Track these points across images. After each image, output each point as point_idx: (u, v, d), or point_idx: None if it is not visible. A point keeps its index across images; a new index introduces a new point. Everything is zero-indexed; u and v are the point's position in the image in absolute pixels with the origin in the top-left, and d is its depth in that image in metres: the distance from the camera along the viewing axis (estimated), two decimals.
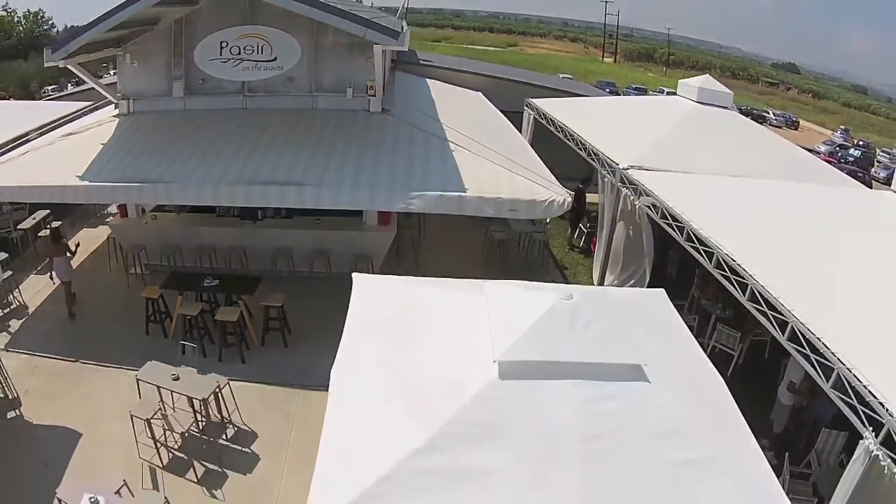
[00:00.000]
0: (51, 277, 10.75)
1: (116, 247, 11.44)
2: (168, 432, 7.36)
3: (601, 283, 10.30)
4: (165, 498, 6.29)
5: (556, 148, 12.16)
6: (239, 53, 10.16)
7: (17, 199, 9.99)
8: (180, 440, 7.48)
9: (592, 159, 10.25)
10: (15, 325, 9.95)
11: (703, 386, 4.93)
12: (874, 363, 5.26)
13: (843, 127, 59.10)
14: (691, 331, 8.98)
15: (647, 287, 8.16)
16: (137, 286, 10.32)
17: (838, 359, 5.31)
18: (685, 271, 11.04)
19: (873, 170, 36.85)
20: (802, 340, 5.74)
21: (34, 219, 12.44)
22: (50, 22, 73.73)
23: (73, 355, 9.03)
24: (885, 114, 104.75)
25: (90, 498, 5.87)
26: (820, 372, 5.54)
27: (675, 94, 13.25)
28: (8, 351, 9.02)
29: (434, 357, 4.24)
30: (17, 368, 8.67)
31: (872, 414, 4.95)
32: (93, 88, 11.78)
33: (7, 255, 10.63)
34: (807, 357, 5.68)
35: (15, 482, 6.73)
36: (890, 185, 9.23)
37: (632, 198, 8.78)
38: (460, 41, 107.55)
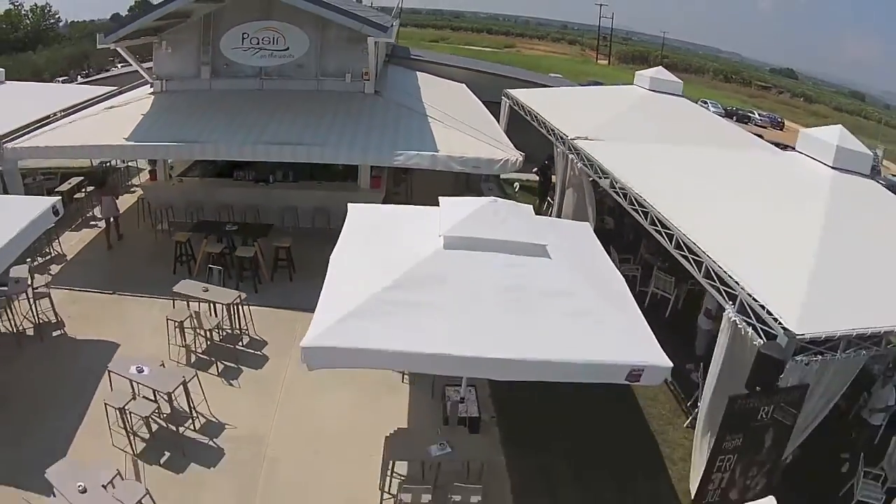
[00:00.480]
0: (98, 216, 12.75)
1: (145, 207, 13.39)
2: (197, 337, 9.33)
3: None
4: (195, 372, 8.25)
5: (528, 132, 14.18)
6: (258, 43, 12.33)
7: (74, 156, 12.00)
8: (205, 345, 9.45)
9: (550, 134, 12.31)
10: (55, 268, 11.80)
11: (600, 270, 6.96)
12: (735, 258, 7.26)
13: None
14: (634, 280, 11.02)
15: None
16: (164, 239, 12.29)
17: (707, 255, 7.34)
18: (640, 237, 13.05)
19: None
20: (684, 248, 7.77)
21: (70, 184, 14.42)
22: (56, 16, 75.40)
23: (110, 289, 10.95)
24: (878, 118, 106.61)
25: (136, 367, 7.81)
26: (695, 266, 7.57)
27: None
28: (50, 287, 10.68)
29: (402, 238, 6.26)
30: (60, 299, 10.25)
31: (732, 291, 6.94)
32: (106, 77, 13.79)
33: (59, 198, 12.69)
34: (686, 258, 7.70)
35: (61, 384, 8.46)
36: None
37: (576, 161, 10.83)
38: (457, 41, 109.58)
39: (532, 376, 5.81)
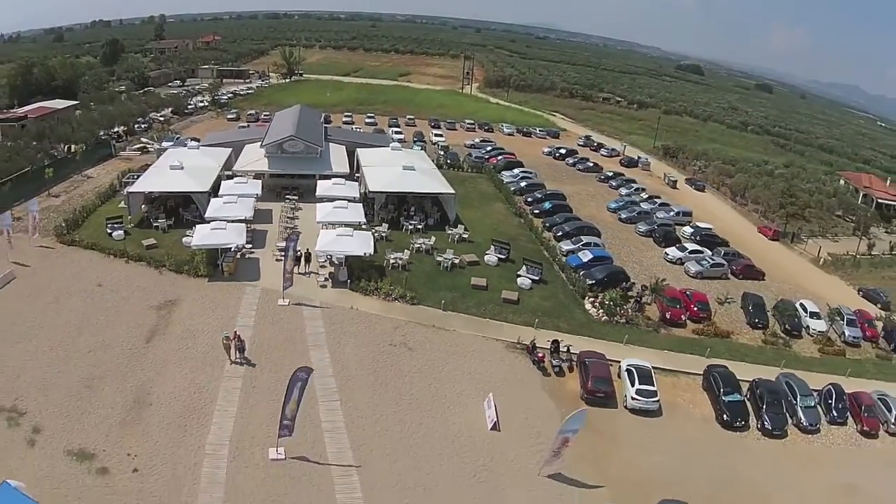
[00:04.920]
0: None
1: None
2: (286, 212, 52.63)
3: None
4: (291, 225, 51.50)
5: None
6: (292, 145, 55.58)
7: (255, 172, 55.20)
8: (291, 212, 52.68)
9: (359, 166, 56.15)
10: None
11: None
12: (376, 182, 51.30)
13: (585, 135, 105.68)
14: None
15: None
16: (268, 192, 55.32)
17: (369, 185, 51.25)
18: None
19: (568, 159, 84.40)
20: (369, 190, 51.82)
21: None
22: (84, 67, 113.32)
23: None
24: (703, 117, 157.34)
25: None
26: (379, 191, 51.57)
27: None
28: None
29: None
30: None
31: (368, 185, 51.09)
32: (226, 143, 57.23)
33: None
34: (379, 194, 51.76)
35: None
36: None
37: (363, 173, 54.58)
38: (366, 74, 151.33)
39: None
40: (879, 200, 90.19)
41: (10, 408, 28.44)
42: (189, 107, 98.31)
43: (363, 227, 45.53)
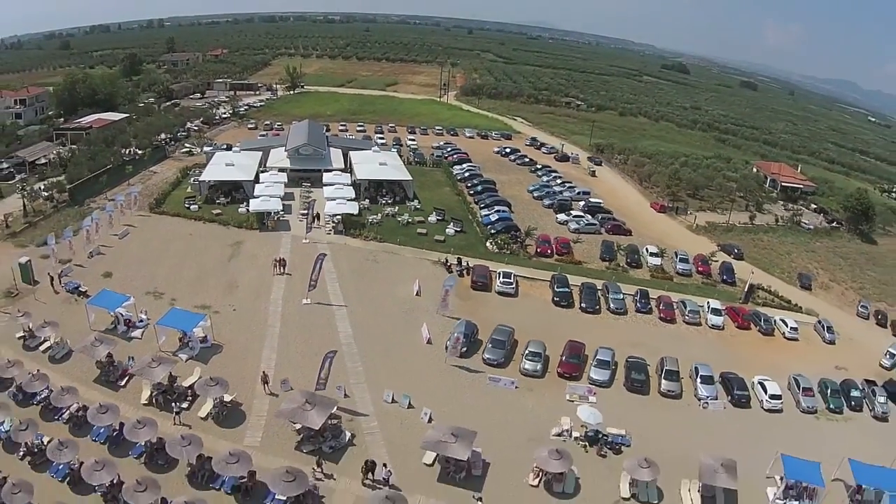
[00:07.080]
0: None
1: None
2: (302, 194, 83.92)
3: None
4: (311, 206, 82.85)
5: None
6: (306, 149, 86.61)
7: (280, 168, 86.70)
8: (306, 194, 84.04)
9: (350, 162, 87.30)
10: None
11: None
12: (363, 168, 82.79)
13: (532, 136, 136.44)
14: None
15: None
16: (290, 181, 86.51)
17: (356, 173, 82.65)
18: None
19: (511, 156, 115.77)
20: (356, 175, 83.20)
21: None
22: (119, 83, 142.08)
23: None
24: (656, 117, 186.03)
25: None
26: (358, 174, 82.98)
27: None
28: None
29: None
30: None
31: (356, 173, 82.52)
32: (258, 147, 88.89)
33: None
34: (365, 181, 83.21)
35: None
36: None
37: (353, 166, 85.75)
38: (358, 85, 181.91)
39: None
40: (784, 184, 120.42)
41: (153, 290, 58.11)
42: (216, 118, 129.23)
43: (352, 200, 76.58)
